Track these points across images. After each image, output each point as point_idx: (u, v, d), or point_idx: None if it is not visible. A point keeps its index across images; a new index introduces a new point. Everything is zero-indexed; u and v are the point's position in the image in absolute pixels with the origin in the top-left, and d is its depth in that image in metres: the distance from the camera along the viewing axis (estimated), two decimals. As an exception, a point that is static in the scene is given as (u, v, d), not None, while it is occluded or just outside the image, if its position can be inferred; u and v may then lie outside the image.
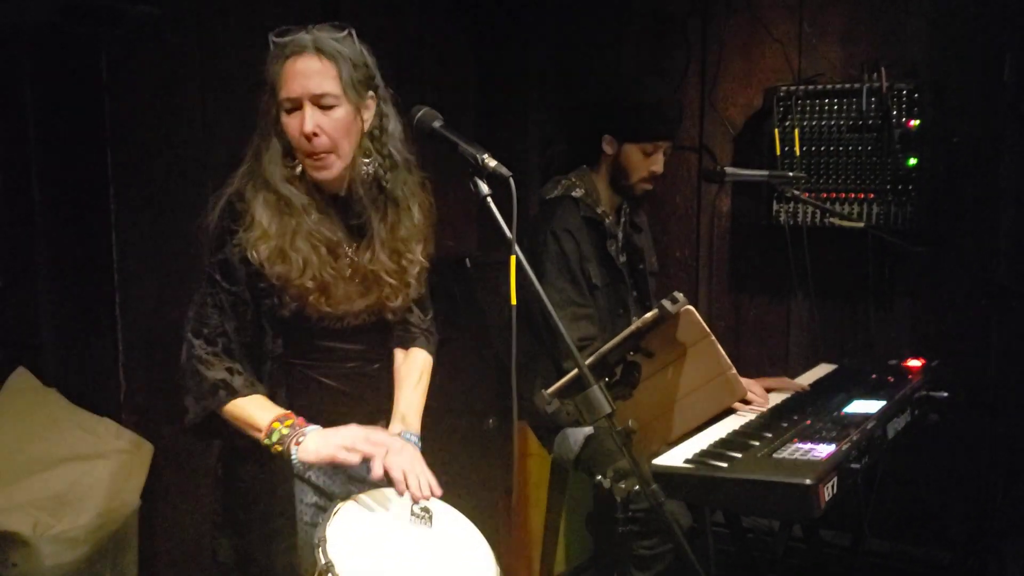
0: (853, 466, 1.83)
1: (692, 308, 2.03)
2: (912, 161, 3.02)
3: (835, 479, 1.75)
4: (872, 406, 2.20)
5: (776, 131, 3.22)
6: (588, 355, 1.79)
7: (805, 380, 2.61)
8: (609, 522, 1.70)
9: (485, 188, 1.56)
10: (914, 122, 3.01)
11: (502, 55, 3.72)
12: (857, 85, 3.09)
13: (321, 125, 1.71)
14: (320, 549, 1.54)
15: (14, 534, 2.19)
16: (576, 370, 1.54)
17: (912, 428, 2.30)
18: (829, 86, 3.17)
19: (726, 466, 1.80)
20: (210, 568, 1.92)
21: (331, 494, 1.85)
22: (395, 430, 1.91)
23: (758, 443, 1.94)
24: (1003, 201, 2.98)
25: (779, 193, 3.16)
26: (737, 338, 3.52)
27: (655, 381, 2.11)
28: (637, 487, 1.58)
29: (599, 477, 1.68)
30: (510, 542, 3.24)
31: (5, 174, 2.48)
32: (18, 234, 2.51)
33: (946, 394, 2.43)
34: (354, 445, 1.68)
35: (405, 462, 1.73)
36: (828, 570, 2.91)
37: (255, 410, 1.73)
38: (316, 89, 1.70)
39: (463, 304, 3.23)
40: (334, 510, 1.66)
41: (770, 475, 1.74)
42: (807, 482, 1.67)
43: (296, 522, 1.83)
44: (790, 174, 2.78)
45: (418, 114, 1.68)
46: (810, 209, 3.17)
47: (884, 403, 2.22)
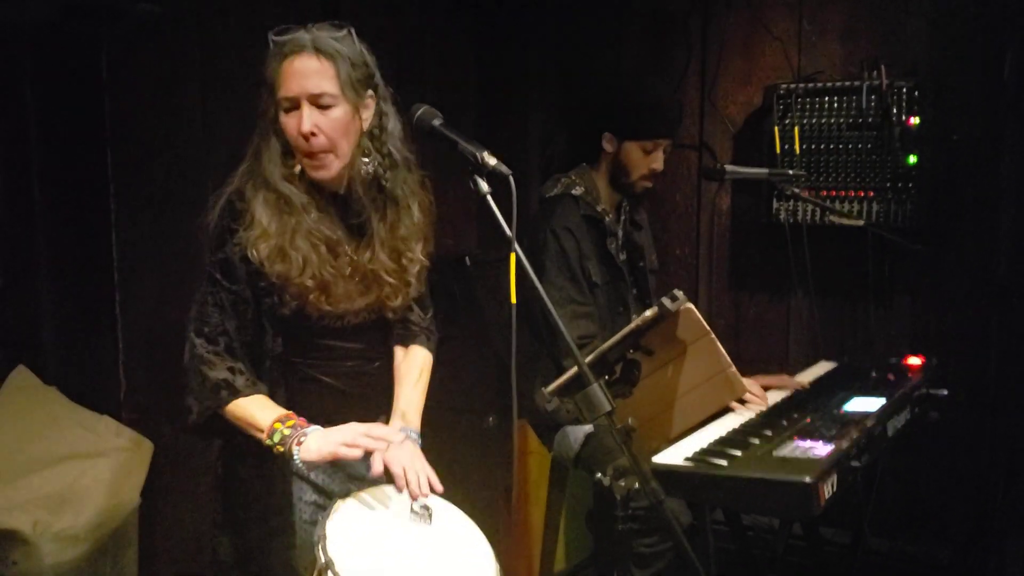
0: (853, 464, 1.84)
1: (692, 306, 2.03)
2: (912, 159, 3.02)
3: (835, 477, 1.75)
4: (872, 404, 2.20)
5: (776, 129, 3.21)
6: (588, 353, 1.79)
7: (805, 378, 2.61)
8: (609, 520, 1.70)
9: (485, 186, 1.56)
10: (914, 120, 3.01)
11: (502, 55, 3.72)
12: (857, 83, 3.09)
13: (319, 125, 1.71)
14: (320, 547, 1.54)
15: (14, 532, 2.19)
16: (576, 368, 1.54)
17: (912, 426, 2.31)
18: (829, 84, 3.17)
19: (726, 464, 1.80)
20: (210, 566, 1.93)
21: (330, 492, 1.85)
22: (395, 427, 1.91)
23: (758, 441, 1.94)
24: (1003, 199, 2.97)
25: (779, 191, 3.16)
26: (737, 336, 3.52)
27: (655, 379, 2.11)
28: (637, 485, 1.58)
29: (599, 475, 1.68)
30: (510, 540, 3.24)
31: (5, 174, 2.48)
32: (18, 234, 2.51)
33: (946, 392, 2.44)
34: (355, 440, 1.68)
35: (405, 458, 1.74)
36: (828, 568, 2.90)
37: (257, 410, 1.73)
38: (314, 89, 1.70)
39: (463, 302, 3.23)
40: (333, 508, 1.66)
41: (770, 473, 1.74)
42: (807, 480, 1.67)
43: (295, 520, 1.83)
44: (790, 172, 2.77)
45: (417, 112, 1.67)
46: (810, 207, 3.17)
47: (884, 401, 2.22)
